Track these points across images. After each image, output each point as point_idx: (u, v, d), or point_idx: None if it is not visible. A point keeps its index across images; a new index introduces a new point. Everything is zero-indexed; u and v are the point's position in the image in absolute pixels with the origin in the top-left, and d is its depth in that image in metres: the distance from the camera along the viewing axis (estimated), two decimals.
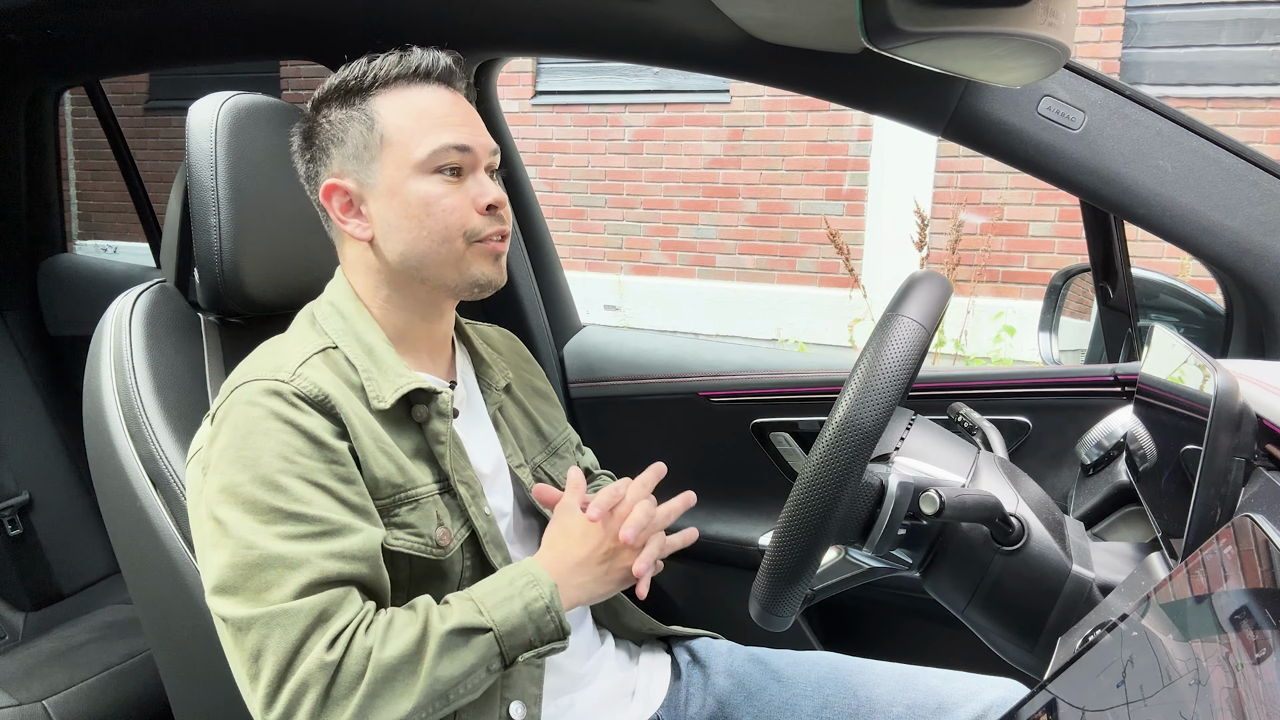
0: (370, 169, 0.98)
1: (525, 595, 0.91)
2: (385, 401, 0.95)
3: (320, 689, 0.81)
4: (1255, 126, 4.60)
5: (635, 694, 1.12)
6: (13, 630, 1.92)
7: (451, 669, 0.86)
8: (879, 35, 0.83)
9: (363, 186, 0.99)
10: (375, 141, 0.97)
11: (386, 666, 0.83)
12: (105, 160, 2.44)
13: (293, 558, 0.84)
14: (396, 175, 0.97)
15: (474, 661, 0.87)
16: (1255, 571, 0.57)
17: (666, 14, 1.24)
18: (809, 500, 0.78)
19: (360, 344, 0.98)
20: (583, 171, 5.95)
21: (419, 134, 0.97)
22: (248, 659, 0.84)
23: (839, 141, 5.38)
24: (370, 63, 0.99)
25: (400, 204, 0.97)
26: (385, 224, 0.98)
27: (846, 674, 1.12)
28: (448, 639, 0.86)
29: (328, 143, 1.00)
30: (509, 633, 0.89)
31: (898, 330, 0.82)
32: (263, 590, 0.84)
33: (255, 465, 0.87)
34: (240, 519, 0.86)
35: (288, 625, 0.83)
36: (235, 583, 0.85)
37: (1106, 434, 1.06)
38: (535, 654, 0.91)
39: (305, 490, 0.87)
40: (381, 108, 0.98)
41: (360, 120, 0.98)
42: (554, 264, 1.74)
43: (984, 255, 4.61)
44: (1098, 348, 1.46)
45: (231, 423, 0.90)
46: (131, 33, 1.71)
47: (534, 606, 0.91)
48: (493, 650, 0.88)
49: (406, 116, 0.97)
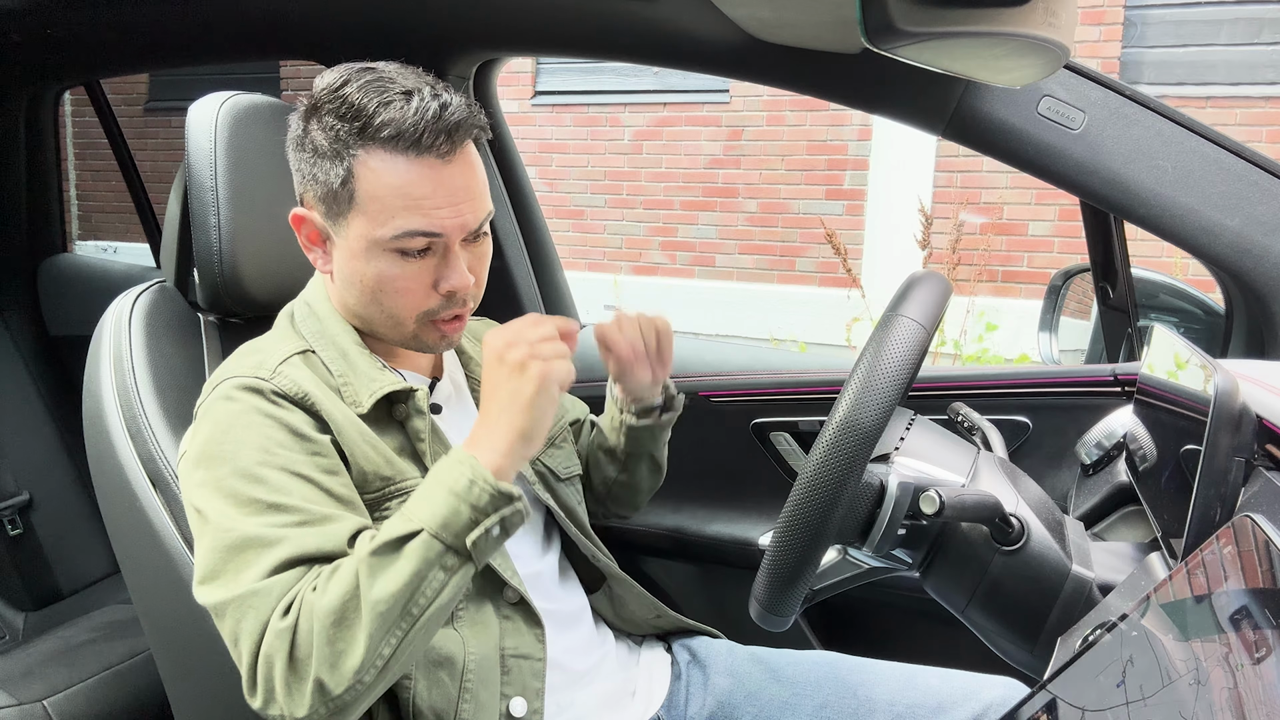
0: (338, 221, 0.94)
1: (446, 480, 0.84)
2: (362, 406, 0.95)
3: (284, 657, 0.80)
4: (1255, 126, 4.60)
5: (636, 694, 1.12)
6: (13, 630, 1.92)
7: (390, 585, 0.80)
8: (879, 35, 0.83)
9: (329, 229, 0.95)
10: (346, 198, 0.92)
11: (330, 610, 0.80)
12: (105, 160, 2.43)
13: (270, 537, 0.84)
14: (358, 243, 0.93)
15: (415, 568, 0.81)
16: (1255, 571, 0.57)
17: (666, 14, 1.24)
18: (809, 500, 0.78)
19: (335, 348, 0.98)
20: (582, 171, 5.95)
21: (388, 213, 0.90)
22: (231, 645, 0.84)
23: (839, 141, 5.38)
24: (369, 95, 0.90)
25: (357, 270, 0.94)
26: (341, 277, 0.97)
27: (846, 673, 1.12)
28: (373, 560, 0.81)
29: (311, 169, 0.94)
30: (443, 524, 0.82)
31: (898, 330, 0.82)
32: (240, 571, 0.84)
33: (234, 458, 0.87)
34: (220, 508, 0.86)
35: (259, 606, 0.82)
36: (215, 567, 0.85)
37: (1106, 434, 1.06)
38: (485, 530, 0.83)
39: (286, 480, 0.87)
40: (361, 167, 0.90)
41: (339, 168, 0.91)
42: (554, 264, 1.74)
43: (984, 255, 4.61)
44: (1098, 348, 1.46)
45: (211, 418, 0.91)
46: (131, 33, 1.71)
47: (457, 485, 0.83)
48: (433, 548, 0.81)
49: (382, 189, 0.90)
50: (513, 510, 0.85)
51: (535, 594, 1.02)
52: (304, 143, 0.95)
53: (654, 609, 1.19)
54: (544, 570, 1.08)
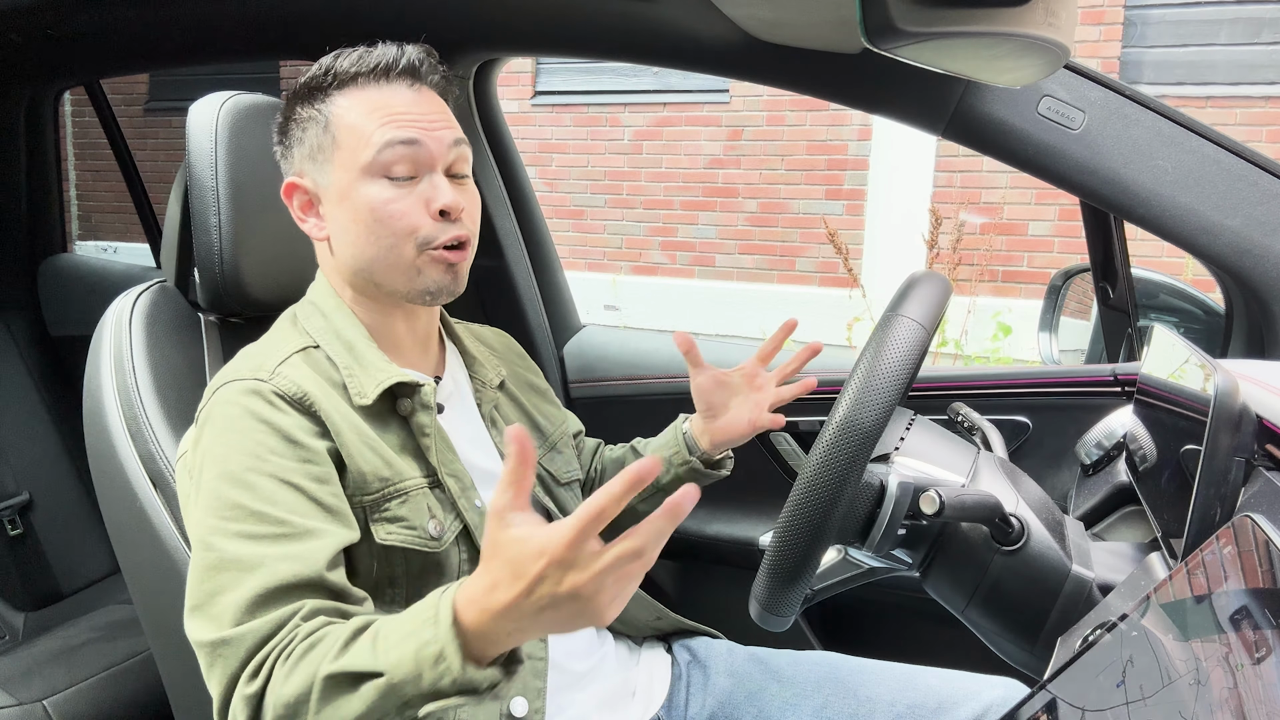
0: (324, 170, 0.96)
1: (418, 634, 0.72)
2: (367, 397, 0.94)
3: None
4: (1254, 126, 4.60)
5: (636, 694, 1.12)
6: (13, 630, 1.92)
7: (337, 716, 0.73)
8: (879, 35, 0.83)
9: (318, 187, 0.97)
10: (328, 143, 0.95)
11: (286, 705, 0.75)
12: (105, 160, 2.43)
13: (248, 559, 0.82)
14: (345, 178, 0.94)
15: (362, 711, 0.72)
16: (1255, 571, 0.57)
17: (666, 14, 1.24)
18: (809, 500, 0.78)
19: (341, 341, 0.98)
20: (582, 171, 5.95)
21: (367, 134, 0.93)
22: (207, 681, 0.83)
23: (839, 141, 5.38)
24: (335, 60, 0.97)
25: (350, 208, 0.95)
26: (337, 227, 0.97)
27: (846, 674, 1.12)
28: (330, 683, 0.74)
29: (293, 141, 0.99)
30: (403, 680, 0.71)
31: (897, 330, 0.82)
32: (216, 595, 0.82)
33: (225, 461, 0.87)
34: (202, 519, 0.86)
35: (229, 656, 0.80)
36: (197, 596, 0.83)
37: (1106, 434, 1.06)
38: (445, 706, 0.72)
39: (273, 488, 0.86)
40: (335, 107, 0.95)
41: (317, 120, 0.96)
42: (554, 264, 1.74)
43: (984, 255, 4.61)
44: (1098, 348, 1.46)
45: (210, 423, 0.91)
46: (131, 33, 1.71)
47: (424, 653, 0.71)
48: (389, 700, 0.72)
49: (357, 115, 0.94)
50: (476, 702, 0.73)
51: None
52: (284, 129, 1.00)
53: (654, 611, 1.19)
54: None
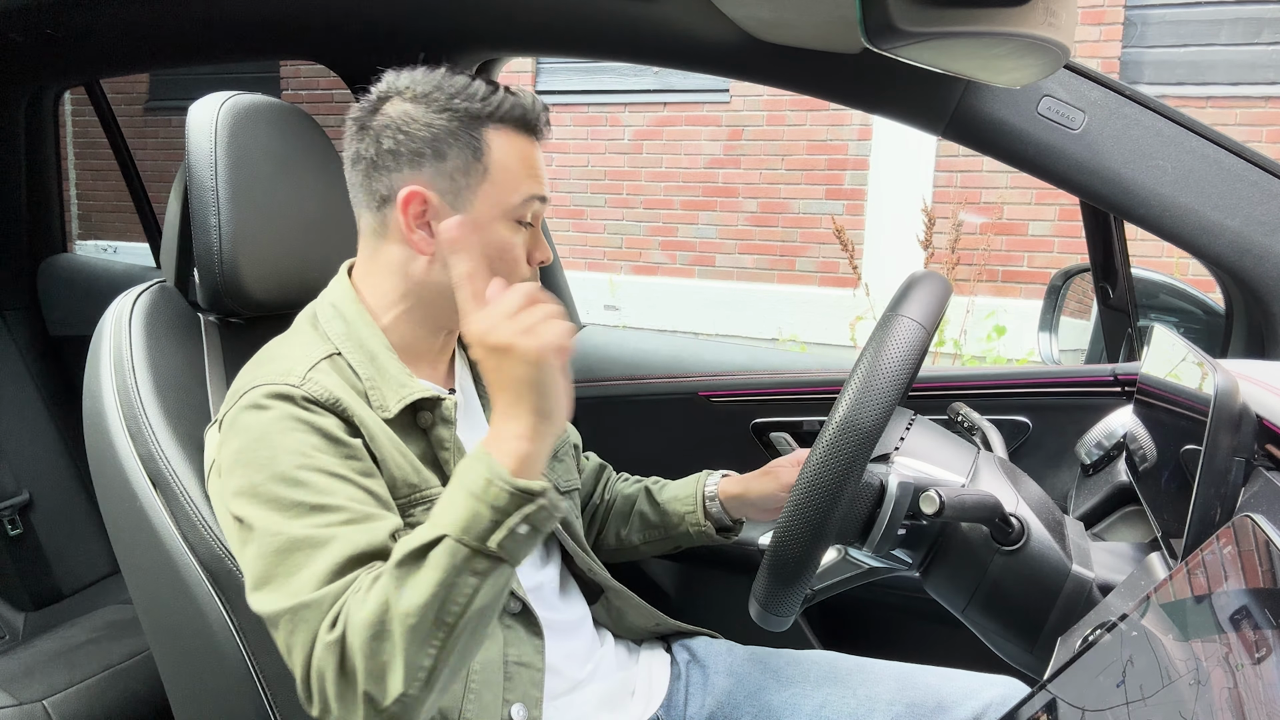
0: (463, 195, 0.96)
1: (464, 481, 0.81)
2: (389, 411, 0.95)
3: (333, 670, 0.79)
4: (1254, 126, 4.60)
5: (635, 693, 1.12)
6: (13, 630, 1.92)
7: (417, 597, 0.78)
8: (879, 35, 0.83)
9: (447, 207, 0.96)
10: (478, 172, 0.96)
11: (368, 625, 0.78)
12: (105, 160, 2.43)
13: (319, 537, 0.83)
14: (487, 213, 0.96)
15: (441, 577, 0.78)
16: (1255, 571, 0.57)
17: (666, 14, 1.24)
18: (809, 501, 0.78)
19: (363, 351, 0.98)
20: (582, 171, 5.95)
21: (516, 180, 0.97)
22: (285, 655, 0.83)
23: (839, 141, 5.38)
24: (477, 85, 0.97)
25: (480, 241, 0.95)
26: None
27: (845, 673, 1.12)
28: (399, 571, 0.79)
29: (423, 147, 0.96)
30: (464, 528, 0.79)
31: (897, 331, 0.82)
32: (292, 575, 0.83)
33: (272, 464, 0.87)
34: (264, 515, 0.85)
35: (309, 619, 0.81)
36: (266, 572, 0.84)
37: (1106, 434, 1.06)
38: (510, 530, 0.80)
39: (327, 482, 0.86)
40: (493, 141, 0.97)
41: (467, 144, 0.96)
42: (554, 264, 1.74)
43: (984, 255, 4.61)
44: (1098, 348, 1.46)
45: (242, 427, 0.90)
46: (131, 33, 1.71)
47: (475, 486, 0.80)
48: (458, 554, 0.79)
49: (513, 160, 0.97)
50: (536, 507, 0.81)
51: (537, 604, 1.02)
52: (404, 129, 0.96)
53: (653, 618, 1.19)
54: (545, 581, 1.08)
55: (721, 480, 1.22)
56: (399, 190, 0.96)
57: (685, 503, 1.22)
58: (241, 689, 0.98)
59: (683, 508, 1.22)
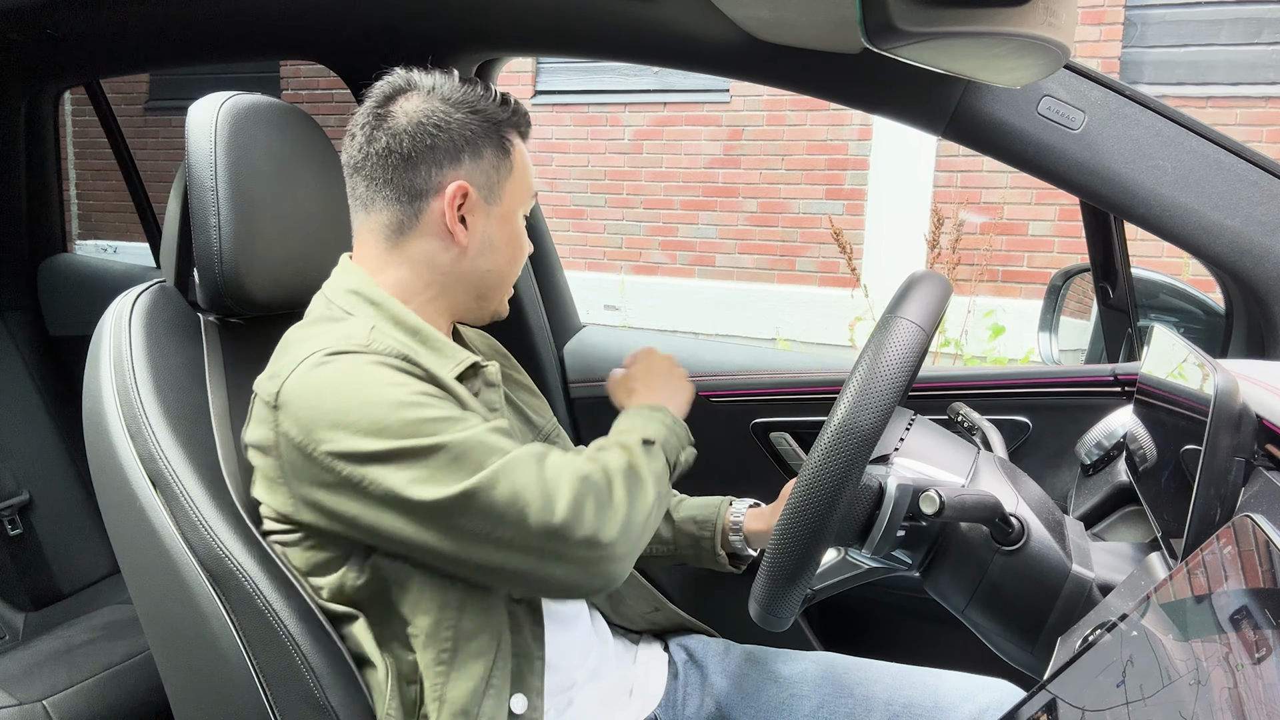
0: (495, 190, 1.04)
1: (658, 417, 1.08)
2: (444, 380, 0.97)
3: (601, 491, 0.91)
4: (1255, 126, 4.60)
5: (633, 692, 1.12)
6: (13, 630, 1.92)
7: (656, 466, 1.00)
8: (879, 35, 0.83)
9: (483, 201, 1.03)
10: (506, 169, 1.04)
11: (623, 469, 0.95)
12: (105, 160, 2.44)
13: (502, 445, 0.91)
14: (512, 206, 1.06)
15: (660, 467, 1.01)
16: (1255, 571, 0.57)
17: (666, 14, 1.24)
18: (808, 503, 0.78)
19: (404, 326, 0.99)
20: (582, 171, 5.95)
21: (529, 178, 1.08)
22: (506, 506, 0.87)
23: (839, 141, 5.38)
24: (493, 92, 1.05)
25: (508, 232, 1.06)
26: (485, 241, 1.04)
27: (843, 673, 1.12)
28: (644, 446, 1.01)
29: (462, 143, 1.01)
30: (663, 442, 1.04)
31: (897, 332, 0.82)
32: (485, 459, 0.88)
33: (380, 403, 0.88)
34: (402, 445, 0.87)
35: (522, 467, 0.89)
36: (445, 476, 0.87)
37: (1106, 434, 1.06)
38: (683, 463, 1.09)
39: (441, 404, 0.91)
40: (515, 144, 1.06)
41: (496, 143, 1.03)
42: (554, 264, 1.74)
43: (984, 255, 4.61)
44: (1098, 348, 1.46)
45: (321, 384, 0.89)
46: (131, 33, 1.71)
47: (667, 419, 1.08)
48: (660, 456, 1.03)
49: (526, 161, 1.08)
50: (692, 453, 1.11)
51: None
52: (446, 126, 1.01)
53: (652, 602, 1.19)
54: None
55: (748, 513, 1.22)
56: (444, 183, 1.00)
57: (704, 527, 1.22)
58: (241, 689, 0.98)
59: (700, 531, 1.22)
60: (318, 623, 0.97)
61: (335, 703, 0.95)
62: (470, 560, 0.89)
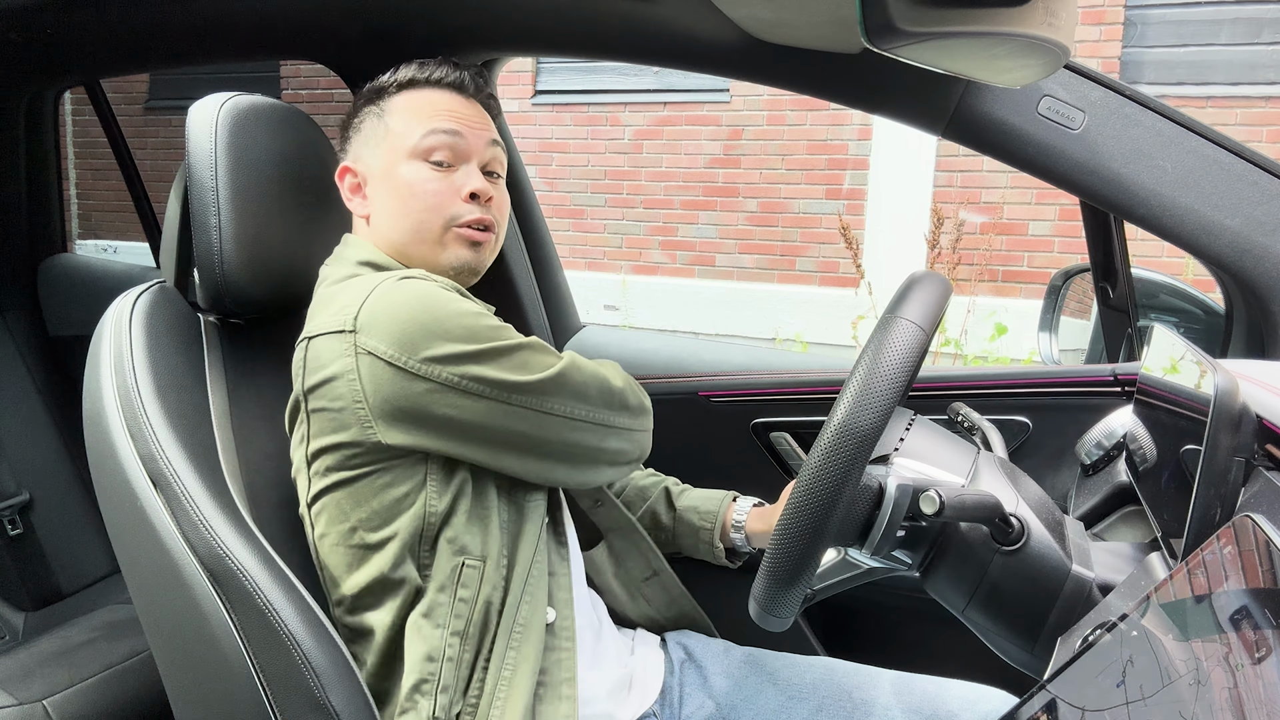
0: (374, 154, 1.08)
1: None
2: None
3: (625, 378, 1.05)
4: (1254, 126, 4.60)
5: (633, 686, 1.12)
6: (13, 630, 1.92)
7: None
8: (879, 35, 0.83)
9: (367, 170, 1.08)
10: (381, 130, 1.08)
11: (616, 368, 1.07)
12: (105, 160, 2.43)
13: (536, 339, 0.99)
14: (391, 159, 1.06)
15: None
16: (1255, 571, 0.57)
17: (666, 14, 1.24)
18: (807, 503, 0.78)
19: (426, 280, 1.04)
20: (582, 171, 5.95)
21: (416, 123, 1.06)
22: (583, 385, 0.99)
23: (839, 141, 5.38)
24: (399, 70, 1.10)
25: (390, 186, 1.06)
26: (378, 205, 1.07)
27: (842, 677, 1.13)
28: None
29: (352, 133, 1.12)
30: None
31: (896, 332, 0.82)
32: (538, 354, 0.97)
33: (464, 312, 0.95)
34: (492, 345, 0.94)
35: (578, 359, 0.99)
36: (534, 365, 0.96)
37: (1106, 434, 1.05)
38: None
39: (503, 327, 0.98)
40: (394, 103, 1.09)
41: (375, 113, 1.09)
42: (554, 264, 1.74)
43: (984, 254, 4.61)
44: (1098, 348, 1.46)
45: (407, 298, 0.94)
46: (131, 33, 1.71)
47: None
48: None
49: (410, 109, 1.07)
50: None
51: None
52: (346, 123, 1.14)
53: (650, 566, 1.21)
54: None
55: (751, 512, 1.23)
56: (340, 171, 1.11)
57: (705, 519, 1.23)
58: (242, 688, 0.98)
59: (700, 522, 1.23)
60: (318, 622, 0.97)
61: (336, 702, 0.95)
62: (554, 440, 0.98)
